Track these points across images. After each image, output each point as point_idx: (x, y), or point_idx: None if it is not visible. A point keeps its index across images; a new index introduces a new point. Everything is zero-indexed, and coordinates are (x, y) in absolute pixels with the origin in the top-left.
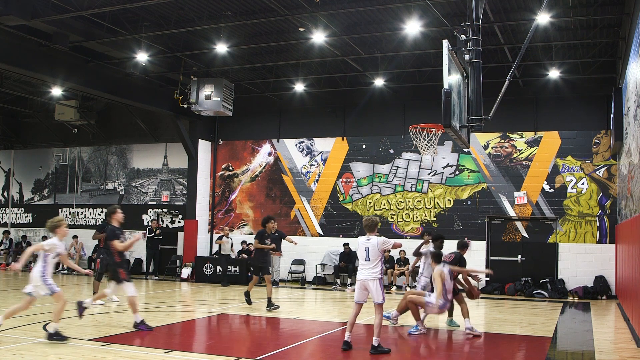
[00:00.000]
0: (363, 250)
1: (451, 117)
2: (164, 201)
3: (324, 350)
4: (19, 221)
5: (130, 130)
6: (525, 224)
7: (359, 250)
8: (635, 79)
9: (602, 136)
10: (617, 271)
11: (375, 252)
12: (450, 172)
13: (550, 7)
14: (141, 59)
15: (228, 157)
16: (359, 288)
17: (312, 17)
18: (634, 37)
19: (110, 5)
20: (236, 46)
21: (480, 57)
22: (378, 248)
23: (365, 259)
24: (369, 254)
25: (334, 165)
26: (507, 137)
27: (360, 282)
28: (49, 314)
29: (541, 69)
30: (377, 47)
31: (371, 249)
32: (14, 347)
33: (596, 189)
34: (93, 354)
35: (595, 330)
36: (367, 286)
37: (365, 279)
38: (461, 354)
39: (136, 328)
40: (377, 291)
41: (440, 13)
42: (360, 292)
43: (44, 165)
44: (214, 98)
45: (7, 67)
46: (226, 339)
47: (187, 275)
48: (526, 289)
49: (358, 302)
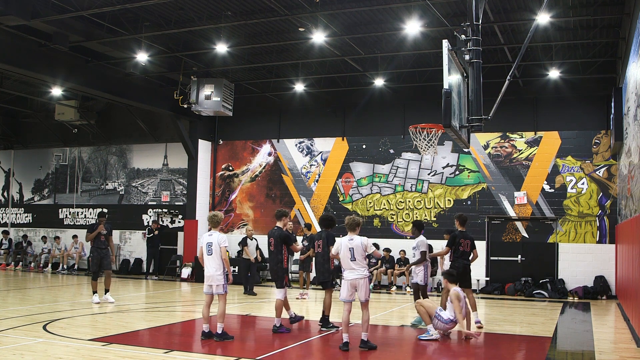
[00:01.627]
0: (347, 250)
1: (451, 117)
2: (164, 201)
3: (324, 350)
4: (19, 221)
5: (130, 130)
6: (525, 224)
7: (343, 250)
8: (635, 79)
9: (602, 136)
10: (617, 271)
11: (360, 252)
12: (450, 172)
13: (550, 7)
14: (141, 59)
15: (228, 157)
16: (349, 287)
17: (312, 17)
18: (634, 37)
19: (110, 5)
20: (236, 46)
21: (480, 57)
22: (362, 248)
23: (351, 259)
24: (354, 254)
25: (334, 165)
26: (507, 137)
27: (349, 282)
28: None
29: (541, 69)
30: (377, 47)
31: (355, 249)
32: (14, 347)
33: (596, 189)
34: (93, 354)
35: (595, 330)
36: (357, 285)
37: (356, 279)
38: (461, 354)
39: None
40: (366, 290)
41: (440, 13)
42: (349, 291)
43: (44, 165)
44: (214, 98)
45: (7, 67)
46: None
47: (187, 275)
48: (526, 289)
49: (347, 300)
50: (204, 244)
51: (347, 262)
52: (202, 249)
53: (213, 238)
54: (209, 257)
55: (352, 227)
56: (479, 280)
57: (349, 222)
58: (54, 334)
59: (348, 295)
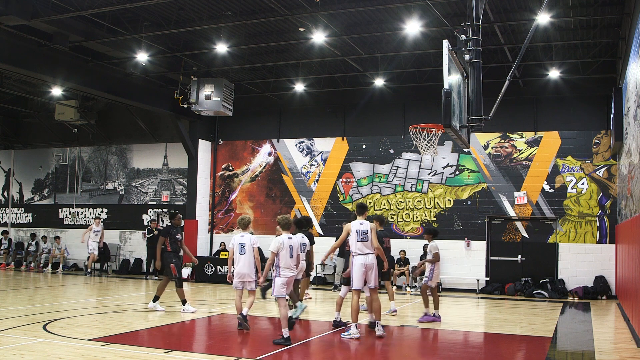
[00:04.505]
0: (361, 233)
1: (451, 117)
2: (164, 201)
3: (324, 350)
4: (19, 221)
5: (130, 130)
6: (525, 224)
7: (354, 235)
8: (635, 79)
9: (602, 136)
10: (617, 271)
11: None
12: (450, 172)
13: (550, 7)
14: (141, 59)
15: (228, 157)
16: (363, 271)
17: (312, 17)
18: (634, 37)
19: (110, 5)
20: (236, 46)
21: (480, 57)
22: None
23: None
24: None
25: (334, 165)
26: (507, 137)
27: (366, 265)
28: (49, 313)
29: (541, 69)
30: (377, 47)
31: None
32: (14, 347)
33: (596, 189)
34: (93, 354)
35: (595, 330)
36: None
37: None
38: (461, 354)
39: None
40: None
41: (440, 13)
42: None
43: (44, 165)
44: (214, 98)
45: (7, 67)
46: (226, 339)
47: (187, 275)
48: (526, 289)
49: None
50: (236, 244)
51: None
52: (234, 249)
53: (246, 239)
54: (241, 256)
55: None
56: (479, 280)
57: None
58: (54, 334)
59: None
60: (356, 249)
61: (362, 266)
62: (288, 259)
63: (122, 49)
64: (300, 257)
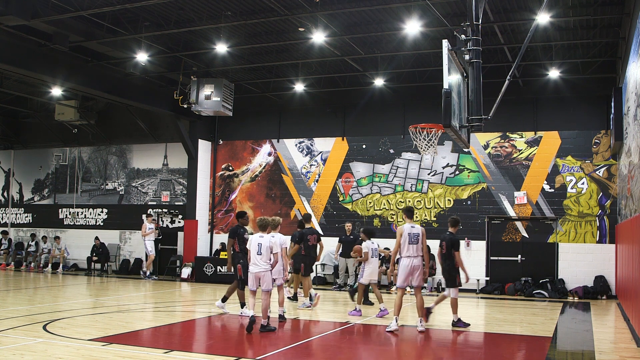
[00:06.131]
0: (414, 236)
1: (451, 117)
2: (164, 201)
3: (324, 350)
4: (19, 221)
5: (130, 130)
6: (525, 224)
7: (406, 237)
8: (635, 79)
9: (602, 136)
10: (617, 271)
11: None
12: (450, 172)
13: (550, 7)
14: (141, 59)
15: (228, 157)
16: (409, 272)
17: (312, 17)
18: (634, 37)
19: (110, 5)
20: (236, 46)
21: (480, 57)
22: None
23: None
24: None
25: (334, 165)
26: (507, 137)
27: (412, 267)
28: (49, 313)
29: (541, 69)
30: (377, 47)
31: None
32: (14, 347)
33: (596, 189)
34: (93, 354)
35: (595, 330)
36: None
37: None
38: (461, 353)
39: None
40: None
41: (440, 13)
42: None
43: (44, 165)
44: (214, 98)
45: (7, 67)
46: (226, 339)
47: (187, 275)
48: (526, 289)
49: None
50: (254, 244)
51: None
52: (251, 249)
53: (264, 240)
54: (258, 257)
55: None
56: (479, 280)
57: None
58: (54, 334)
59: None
60: (406, 250)
61: (409, 267)
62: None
63: (122, 49)
64: (276, 256)
